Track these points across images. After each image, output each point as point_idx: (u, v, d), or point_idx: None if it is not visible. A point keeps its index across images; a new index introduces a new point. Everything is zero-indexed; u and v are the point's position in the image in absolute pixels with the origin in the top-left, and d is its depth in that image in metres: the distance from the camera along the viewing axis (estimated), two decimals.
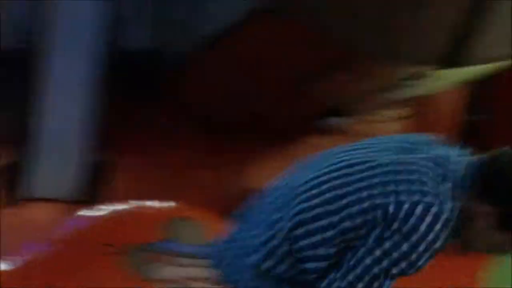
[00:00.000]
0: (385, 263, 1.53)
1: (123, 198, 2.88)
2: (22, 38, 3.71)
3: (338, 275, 1.55)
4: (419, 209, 1.51)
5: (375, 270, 1.53)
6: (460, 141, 3.45)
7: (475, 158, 1.67)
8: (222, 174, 3.49)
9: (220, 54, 3.19)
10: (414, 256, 1.51)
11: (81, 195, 3.54)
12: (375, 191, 1.55)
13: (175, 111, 3.51)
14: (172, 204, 2.79)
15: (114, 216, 2.75)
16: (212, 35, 3.24)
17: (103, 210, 2.77)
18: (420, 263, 1.54)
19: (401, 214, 1.51)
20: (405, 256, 1.51)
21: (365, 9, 2.95)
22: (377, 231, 1.53)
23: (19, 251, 2.64)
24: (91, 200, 3.47)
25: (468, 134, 3.65)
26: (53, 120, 3.56)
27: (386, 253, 1.52)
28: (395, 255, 1.52)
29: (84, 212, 2.80)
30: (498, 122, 3.72)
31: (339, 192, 1.57)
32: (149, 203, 2.78)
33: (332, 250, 1.56)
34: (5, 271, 2.56)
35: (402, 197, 1.52)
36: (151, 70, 3.60)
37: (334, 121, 3.67)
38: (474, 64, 3.10)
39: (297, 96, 3.33)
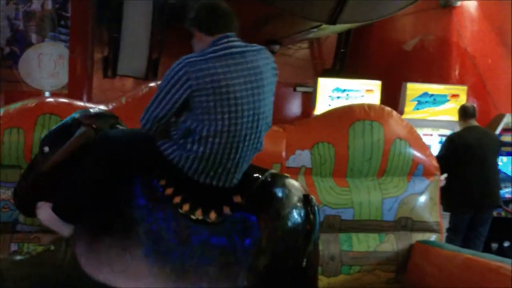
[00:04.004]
0: None
1: None
2: None
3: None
4: None
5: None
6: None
7: None
8: None
9: None
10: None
11: (144, 74, 5.85)
12: None
13: None
14: None
15: None
16: None
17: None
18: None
19: None
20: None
21: None
22: None
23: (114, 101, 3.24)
24: (149, 77, 5.74)
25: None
26: (132, 33, 5.82)
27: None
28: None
29: (146, 84, 3.29)
30: (351, 53, 6.07)
31: None
32: None
33: None
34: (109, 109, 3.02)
35: None
36: None
37: (275, 47, 5.93)
38: (345, 23, 4.95)
39: (256, 32, 5.09)
